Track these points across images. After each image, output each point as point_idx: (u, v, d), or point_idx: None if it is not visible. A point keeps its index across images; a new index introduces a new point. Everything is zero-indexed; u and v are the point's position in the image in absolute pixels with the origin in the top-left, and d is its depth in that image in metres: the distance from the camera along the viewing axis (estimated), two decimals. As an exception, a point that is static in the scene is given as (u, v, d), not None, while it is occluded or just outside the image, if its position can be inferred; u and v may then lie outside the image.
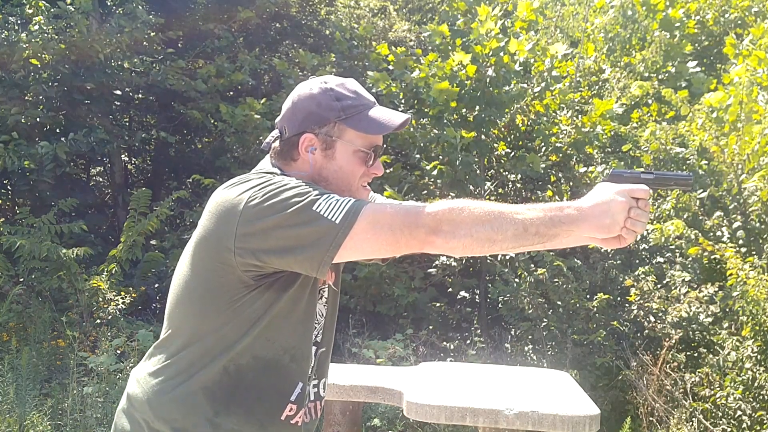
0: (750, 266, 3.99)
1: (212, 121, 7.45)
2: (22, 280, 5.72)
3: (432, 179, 5.98)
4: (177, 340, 1.39)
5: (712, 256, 4.44)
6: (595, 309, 4.81)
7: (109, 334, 5.00)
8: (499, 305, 5.25)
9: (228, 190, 1.34)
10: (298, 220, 1.25)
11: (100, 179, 8.99)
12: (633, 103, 6.43)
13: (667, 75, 6.59)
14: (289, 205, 1.25)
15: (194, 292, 1.38)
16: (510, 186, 6.33)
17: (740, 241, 4.55)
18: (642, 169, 1.42)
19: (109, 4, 7.81)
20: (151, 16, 7.08)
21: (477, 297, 6.00)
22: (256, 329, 1.34)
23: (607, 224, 1.28)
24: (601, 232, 1.30)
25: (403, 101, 6.37)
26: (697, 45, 7.28)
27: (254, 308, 1.34)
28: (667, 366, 4.26)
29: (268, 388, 1.38)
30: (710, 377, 4.10)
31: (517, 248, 1.30)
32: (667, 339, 4.35)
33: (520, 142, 6.29)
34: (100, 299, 5.36)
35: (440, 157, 5.95)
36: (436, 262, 5.81)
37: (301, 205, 1.26)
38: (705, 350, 4.35)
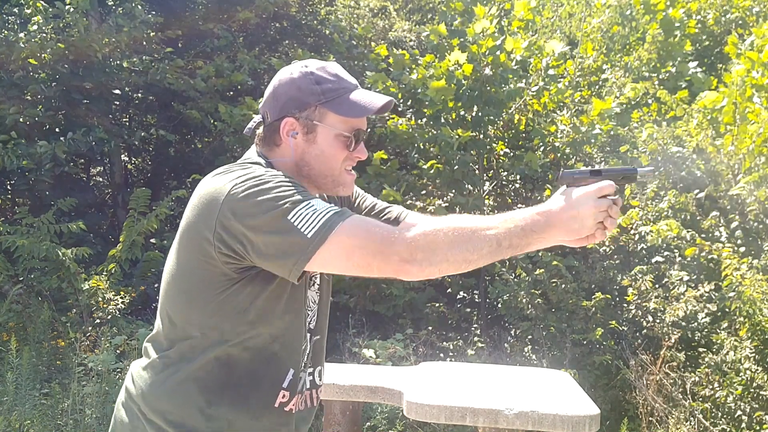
0: (747, 266, 3.99)
1: (212, 121, 7.45)
2: (21, 279, 5.71)
3: (430, 179, 5.98)
4: (168, 334, 1.40)
5: (710, 256, 4.44)
6: (593, 309, 4.81)
7: (108, 333, 5.00)
8: (499, 305, 5.25)
9: (210, 181, 1.35)
10: (272, 227, 1.24)
11: (100, 179, 8.98)
12: (633, 103, 6.42)
13: (667, 75, 6.60)
14: (265, 210, 1.25)
15: (181, 285, 1.38)
16: (509, 186, 6.33)
17: (738, 242, 4.55)
18: (589, 168, 1.44)
19: (109, 3, 7.80)
20: (150, 16, 7.08)
21: (476, 297, 6.00)
22: (244, 319, 1.34)
23: (576, 229, 1.30)
24: (569, 236, 1.32)
25: (401, 101, 6.38)
26: (697, 45, 7.29)
27: (240, 299, 1.33)
28: (667, 366, 4.25)
29: (260, 377, 1.39)
30: (710, 377, 4.10)
31: (492, 261, 1.31)
32: (666, 339, 4.35)
33: (519, 142, 6.29)
34: (100, 299, 5.35)
35: (438, 156, 5.95)
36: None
37: (276, 212, 1.24)
38: (705, 350, 4.35)
